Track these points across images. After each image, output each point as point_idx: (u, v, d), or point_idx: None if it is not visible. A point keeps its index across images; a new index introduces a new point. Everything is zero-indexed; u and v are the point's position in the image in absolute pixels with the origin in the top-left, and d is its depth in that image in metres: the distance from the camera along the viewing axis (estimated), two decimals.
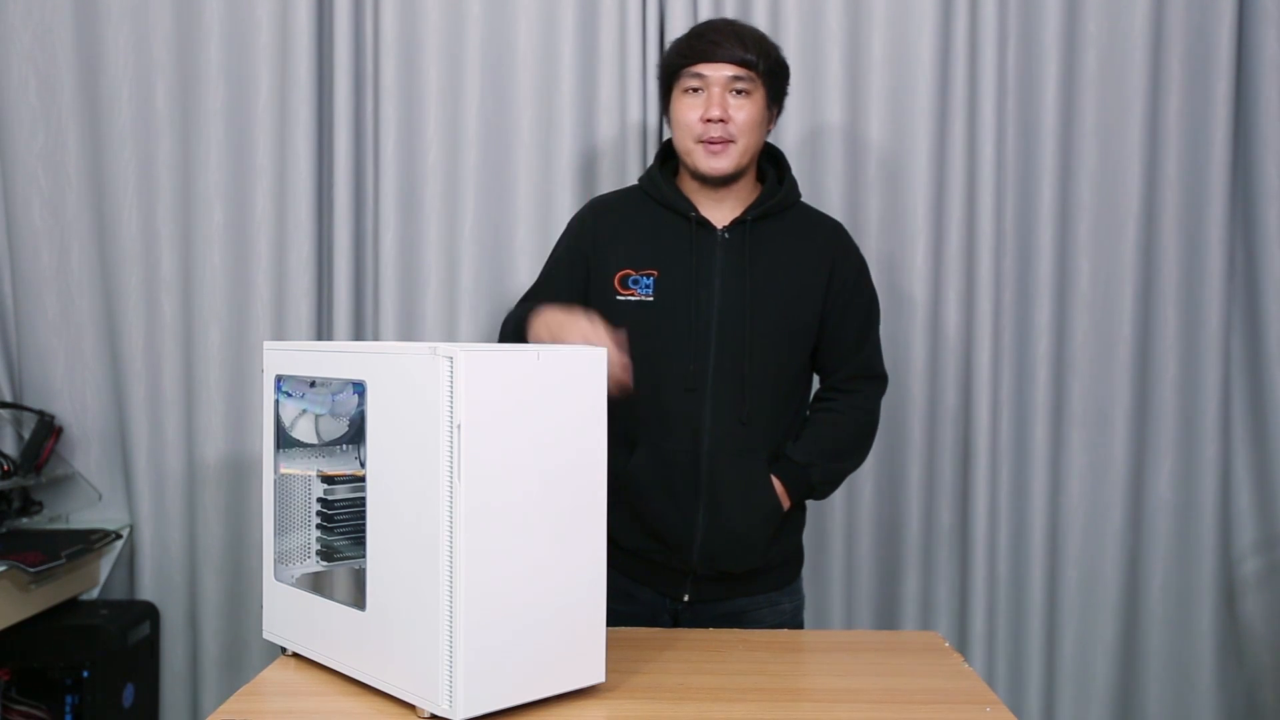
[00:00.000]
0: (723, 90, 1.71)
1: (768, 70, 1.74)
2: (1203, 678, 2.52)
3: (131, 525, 2.52)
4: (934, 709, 1.35)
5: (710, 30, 1.76)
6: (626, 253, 1.77)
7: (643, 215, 1.80)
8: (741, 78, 1.71)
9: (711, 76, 1.71)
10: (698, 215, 1.77)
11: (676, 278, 1.75)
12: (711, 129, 1.71)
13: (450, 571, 1.22)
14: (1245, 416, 2.55)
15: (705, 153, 1.73)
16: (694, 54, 1.73)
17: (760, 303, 1.75)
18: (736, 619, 1.78)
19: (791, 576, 1.86)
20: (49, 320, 2.51)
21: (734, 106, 1.71)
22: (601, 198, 1.91)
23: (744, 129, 1.72)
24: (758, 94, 1.73)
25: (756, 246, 1.77)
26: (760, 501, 1.75)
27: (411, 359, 1.28)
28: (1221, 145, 2.47)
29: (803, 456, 1.77)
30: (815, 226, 1.84)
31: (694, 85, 1.73)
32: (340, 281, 2.47)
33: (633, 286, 1.75)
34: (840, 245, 1.84)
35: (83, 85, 2.48)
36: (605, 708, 1.34)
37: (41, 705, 2.35)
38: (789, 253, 1.78)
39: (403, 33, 2.45)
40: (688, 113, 1.73)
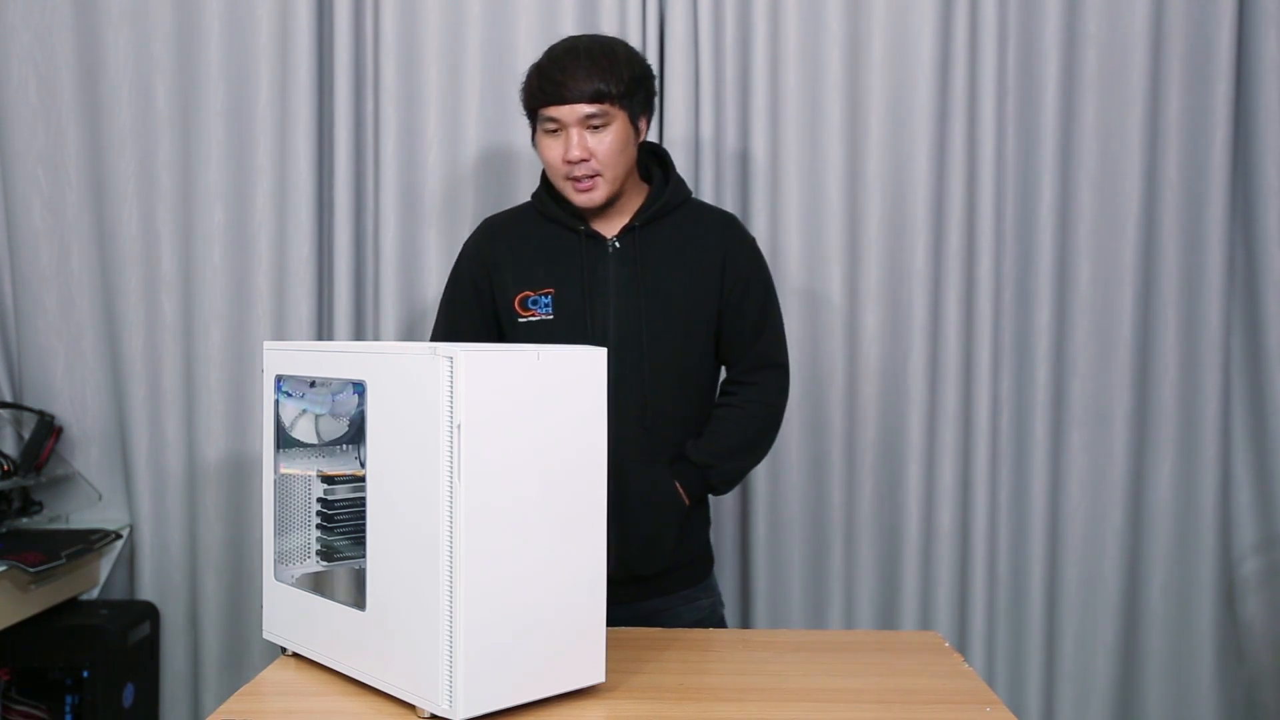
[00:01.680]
0: (580, 128, 1.70)
1: (624, 93, 1.71)
2: (1203, 678, 2.52)
3: (131, 525, 2.52)
4: (934, 709, 1.35)
5: (556, 67, 1.72)
6: (522, 274, 1.79)
7: (536, 233, 1.82)
8: (595, 114, 1.69)
9: (564, 118, 1.70)
10: (587, 228, 1.78)
11: (572, 293, 1.77)
12: (575, 168, 1.71)
13: (450, 571, 1.22)
14: (1245, 416, 2.55)
15: (574, 189, 1.74)
16: (545, 96, 1.72)
17: (655, 307, 1.76)
18: (655, 617, 1.79)
19: (702, 574, 1.88)
20: (49, 320, 2.51)
21: (594, 141, 1.70)
22: (492, 219, 1.91)
23: (608, 160, 1.71)
24: (618, 119, 1.71)
25: (647, 251, 1.78)
26: (665, 505, 1.77)
27: (411, 359, 1.28)
28: (1221, 145, 2.47)
29: (701, 457, 1.78)
30: (705, 222, 1.84)
31: (551, 127, 1.73)
32: (340, 281, 2.47)
33: (532, 307, 1.78)
34: (732, 237, 1.83)
35: (83, 85, 2.48)
36: (605, 708, 1.34)
37: (41, 705, 2.35)
38: (681, 253, 1.79)
39: (403, 33, 2.45)
40: (550, 153, 1.74)
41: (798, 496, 2.47)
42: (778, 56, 2.45)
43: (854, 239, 2.47)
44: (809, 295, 2.46)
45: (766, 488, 2.45)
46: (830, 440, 2.47)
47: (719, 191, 2.44)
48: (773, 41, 2.43)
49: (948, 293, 2.46)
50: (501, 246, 1.83)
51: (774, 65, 2.44)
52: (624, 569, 1.76)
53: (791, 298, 2.43)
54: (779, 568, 2.47)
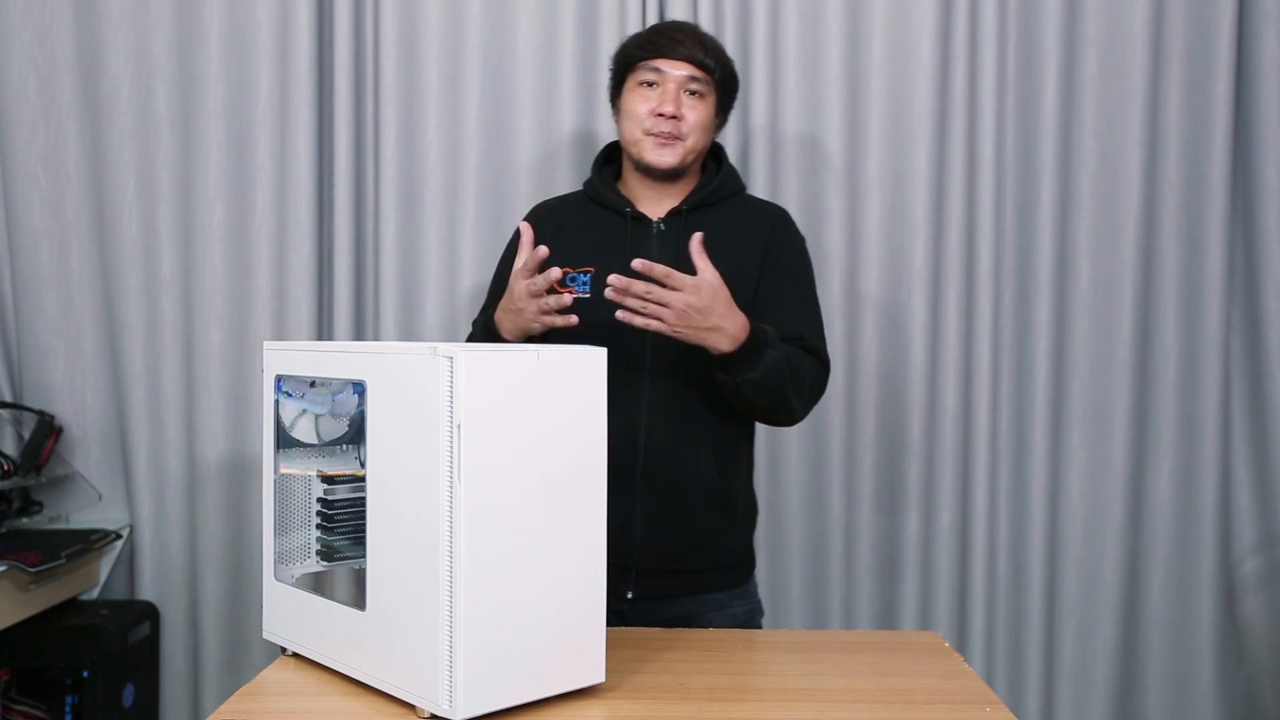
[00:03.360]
0: (678, 88, 1.74)
1: (722, 79, 1.78)
2: (1203, 678, 2.52)
3: (131, 525, 2.52)
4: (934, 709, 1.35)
5: (673, 29, 1.80)
6: (564, 253, 1.76)
7: (582, 217, 1.84)
8: (698, 79, 1.74)
9: (669, 73, 1.74)
10: (633, 210, 1.79)
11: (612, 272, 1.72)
12: (662, 123, 1.74)
13: (450, 571, 1.22)
14: (1245, 416, 2.56)
15: (653, 145, 1.75)
16: (653, 48, 1.76)
17: None
18: (684, 622, 1.75)
19: (740, 579, 1.84)
20: (49, 320, 2.51)
21: (687, 106, 1.74)
22: (542, 203, 1.93)
23: (694, 128, 1.75)
24: (710, 98, 1.77)
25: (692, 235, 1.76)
26: (698, 489, 1.74)
27: (411, 359, 1.28)
28: (1221, 145, 2.47)
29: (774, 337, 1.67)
30: (755, 214, 1.84)
31: (650, 79, 1.76)
32: (340, 281, 2.47)
33: (570, 284, 1.78)
34: (777, 227, 1.83)
35: (83, 85, 2.48)
36: (605, 708, 1.34)
37: (41, 705, 2.35)
38: (726, 241, 1.77)
39: (403, 33, 2.45)
40: (640, 104, 1.76)
41: (798, 496, 2.47)
42: (778, 56, 2.45)
43: (854, 239, 2.47)
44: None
45: (766, 488, 2.45)
46: (830, 440, 2.47)
47: None
48: (773, 41, 2.44)
49: (948, 293, 2.46)
50: (548, 226, 1.82)
51: (774, 65, 2.44)
52: (650, 557, 1.74)
53: None
54: (779, 568, 2.47)
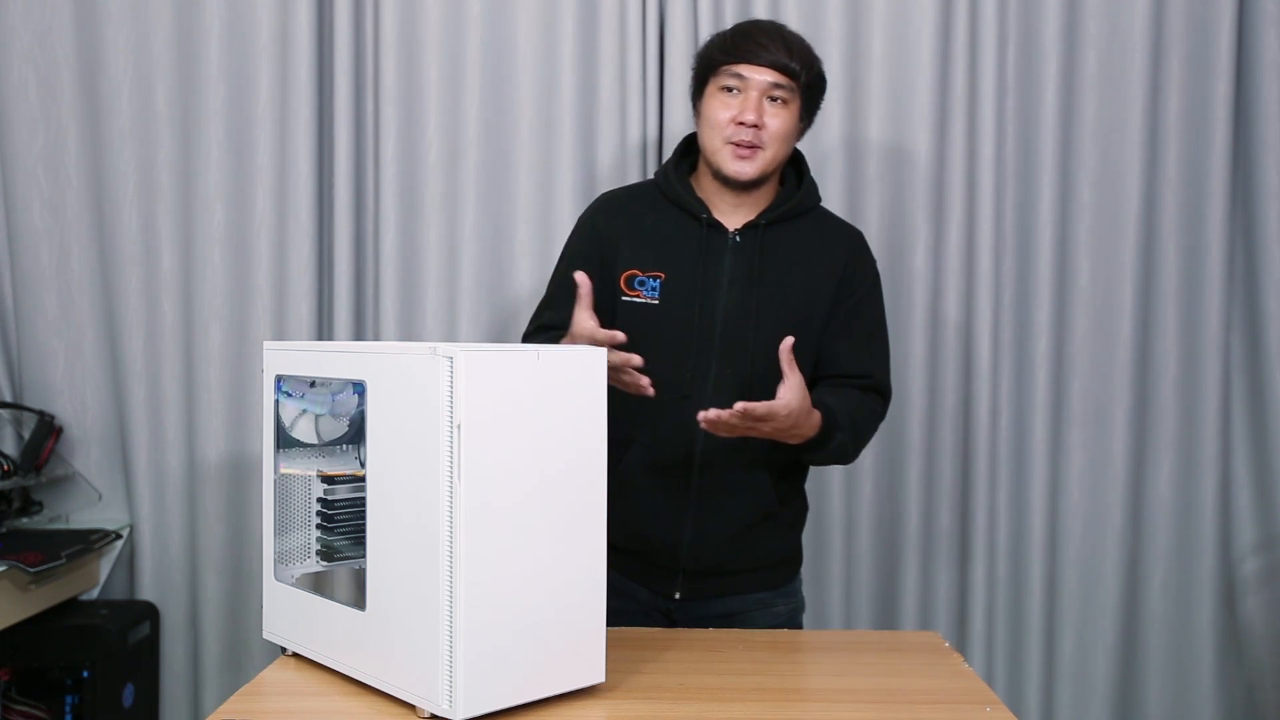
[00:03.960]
0: (760, 95, 1.67)
1: (808, 83, 1.70)
2: (1203, 677, 2.52)
3: (131, 525, 2.52)
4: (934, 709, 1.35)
5: (757, 30, 1.71)
6: (634, 252, 1.74)
7: (653, 214, 1.77)
8: (782, 85, 1.67)
9: (752, 79, 1.67)
10: (709, 217, 1.73)
11: (683, 281, 1.72)
12: (742, 132, 1.67)
13: (450, 571, 1.22)
14: (1245, 416, 2.55)
15: (733, 155, 1.69)
16: (737, 52, 1.68)
17: (767, 310, 1.71)
18: (729, 621, 1.76)
19: (786, 578, 1.83)
20: (49, 320, 2.51)
21: (769, 114, 1.68)
22: (612, 193, 1.87)
23: (775, 138, 1.69)
24: (794, 104, 1.70)
25: (768, 251, 1.73)
26: (751, 498, 1.74)
27: (412, 359, 1.28)
28: (1221, 145, 2.47)
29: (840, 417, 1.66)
30: (832, 233, 1.81)
31: (731, 85, 1.69)
32: (340, 281, 2.47)
33: (638, 288, 1.73)
34: (855, 251, 1.80)
35: (83, 85, 2.48)
36: (605, 708, 1.34)
37: (41, 705, 2.35)
38: (801, 259, 1.74)
39: (403, 33, 2.45)
40: (721, 111, 1.69)
41: None
42: None
43: None
44: None
45: None
46: None
47: None
48: None
49: (948, 293, 2.46)
50: (618, 221, 1.77)
51: None
52: (698, 560, 1.74)
53: None
54: None
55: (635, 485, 1.72)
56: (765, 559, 1.79)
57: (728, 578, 1.77)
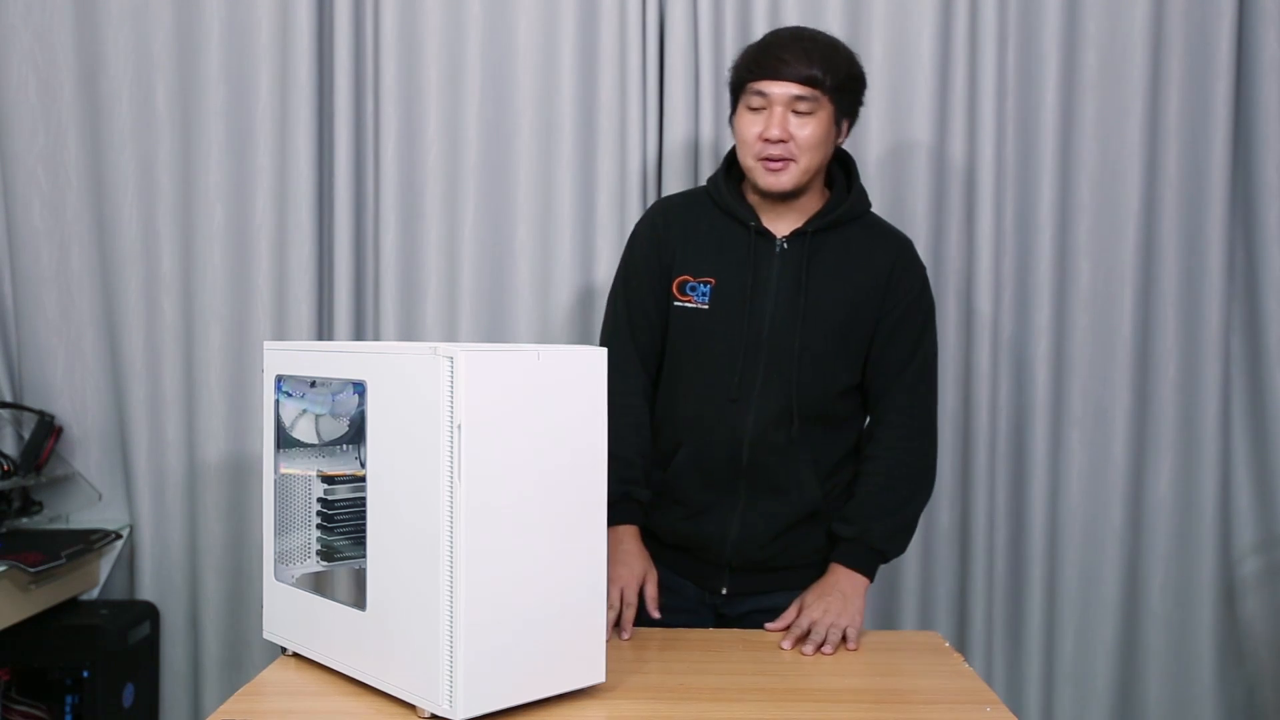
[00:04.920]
0: (785, 109, 1.69)
1: (835, 86, 1.70)
2: (1203, 677, 2.51)
3: (131, 525, 2.52)
4: (934, 709, 1.36)
5: (778, 44, 1.73)
6: (687, 258, 1.78)
7: (706, 221, 1.80)
8: (805, 97, 1.68)
9: (774, 95, 1.69)
10: (758, 225, 1.75)
11: (732, 287, 1.75)
12: (771, 148, 1.69)
13: (451, 571, 1.22)
14: (1245, 416, 2.55)
15: (765, 170, 1.71)
16: (759, 69, 1.71)
17: (813, 314, 1.73)
18: (774, 614, 1.75)
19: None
20: (49, 320, 2.51)
21: (795, 125, 1.69)
22: (669, 199, 1.91)
23: (805, 147, 1.70)
24: (822, 111, 1.70)
25: (815, 258, 1.75)
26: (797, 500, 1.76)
27: (412, 359, 1.28)
28: (1221, 145, 2.46)
29: (852, 529, 1.75)
30: (880, 240, 1.81)
31: (757, 103, 1.71)
32: (340, 282, 2.47)
33: (690, 293, 1.76)
34: (902, 258, 1.80)
35: (83, 85, 2.48)
36: (605, 708, 1.34)
37: (41, 705, 2.35)
38: (849, 266, 1.76)
39: (403, 33, 2.45)
40: (749, 129, 1.72)
41: None
42: None
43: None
44: None
45: None
46: None
47: None
48: None
49: (947, 293, 2.46)
50: (676, 226, 1.81)
51: None
52: (743, 557, 1.78)
53: None
54: None
55: (684, 486, 1.78)
56: (811, 556, 1.81)
57: (773, 574, 1.80)
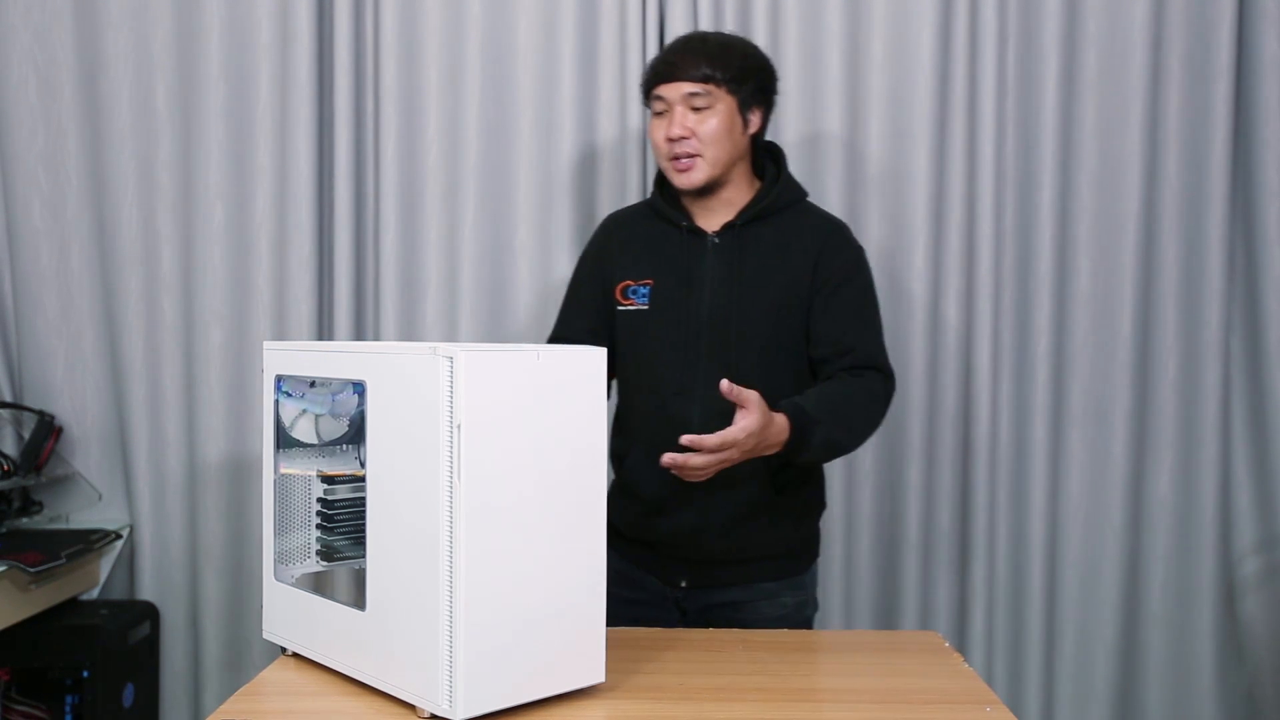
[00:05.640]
0: (683, 107, 1.75)
1: (732, 78, 1.75)
2: (1203, 677, 2.52)
3: (131, 525, 2.52)
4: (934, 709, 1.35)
5: (670, 50, 1.81)
6: (628, 265, 1.85)
7: (645, 228, 1.87)
8: (698, 93, 1.74)
9: (670, 96, 1.76)
10: (689, 224, 1.81)
11: (669, 285, 1.80)
12: (676, 147, 1.76)
13: (450, 571, 1.22)
14: (1245, 416, 2.55)
15: (676, 170, 1.78)
16: (655, 77, 1.79)
17: (749, 305, 1.77)
18: (735, 610, 1.80)
19: (794, 570, 1.86)
20: (49, 320, 2.51)
21: (695, 121, 1.75)
22: (615, 213, 1.99)
23: (709, 141, 1.75)
24: (720, 104, 1.75)
25: (746, 249, 1.79)
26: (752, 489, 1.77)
27: (412, 359, 1.28)
28: (1221, 145, 2.46)
29: (815, 411, 1.66)
30: (812, 223, 1.84)
31: (659, 108, 1.79)
32: (340, 281, 2.47)
33: (631, 296, 1.82)
34: (831, 237, 1.82)
35: (83, 85, 2.48)
36: (605, 708, 1.34)
37: (41, 705, 2.35)
38: (779, 253, 1.79)
39: (403, 33, 2.45)
40: (656, 134, 1.80)
41: None
42: (778, 56, 2.44)
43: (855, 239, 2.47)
44: None
45: None
46: None
47: None
48: (773, 41, 2.43)
49: (948, 293, 2.46)
50: (617, 237, 1.90)
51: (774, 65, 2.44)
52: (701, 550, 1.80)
53: None
54: None
55: (640, 482, 1.81)
56: (771, 549, 1.82)
57: (732, 567, 1.81)
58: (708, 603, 1.81)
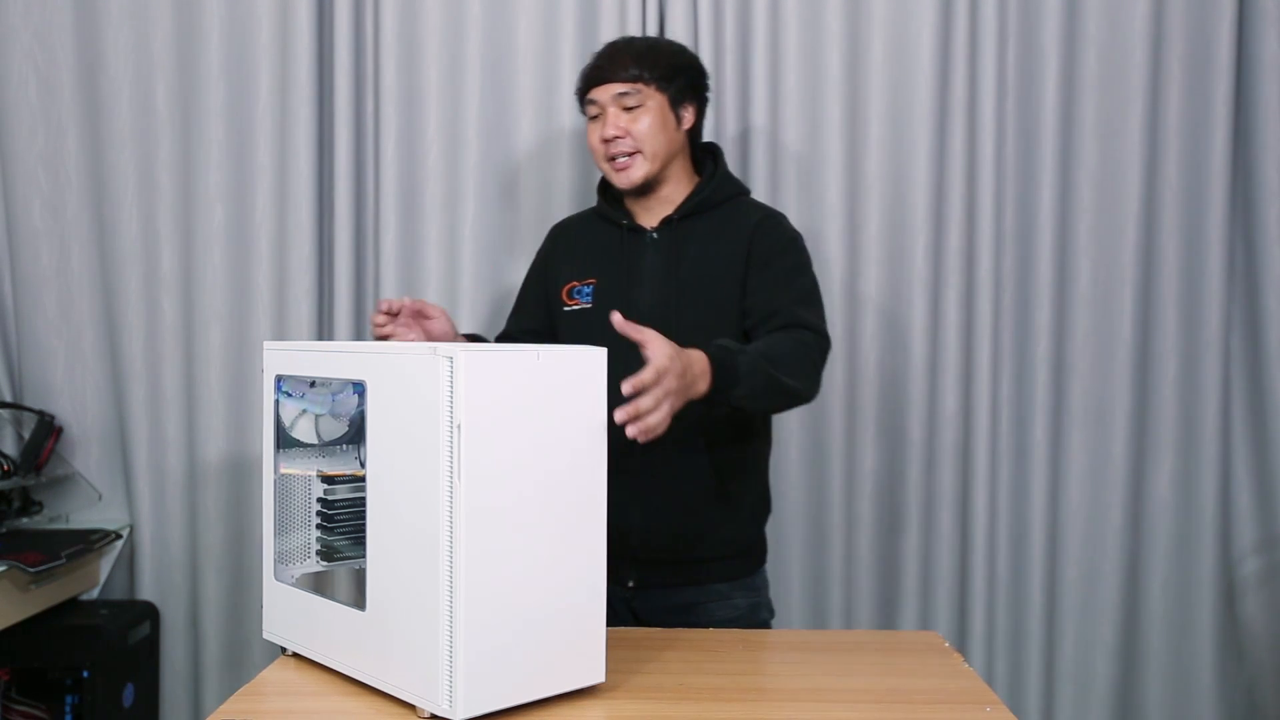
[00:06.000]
0: (615, 108, 1.79)
1: (660, 77, 1.79)
2: (1203, 677, 2.52)
3: (131, 525, 2.52)
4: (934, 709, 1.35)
5: (599, 55, 1.85)
6: (573, 268, 1.89)
7: (589, 231, 1.92)
8: (628, 92, 1.78)
9: (601, 99, 1.80)
10: (629, 222, 1.85)
11: (610, 282, 1.83)
12: (612, 147, 1.80)
13: (450, 571, 1.22)
14: (1245, 416, 2.55)
15: (615, 170, 1.82)
16: (585, 81, 1.83)
17: (687, 298, 1.78)
18: (686, 612, 1.79)
19: (744, 571, 1.85)
20: (49, 320, 2.51)
21: (628, 120, 1.79)
22: (561, 220, 2.03)
23: (644, 137, 1.78)
24: (651, 102, 1.79)
25: (684, 244, 1.81)
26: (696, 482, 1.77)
27: (412, 359, 1.28)
28: (1221, 145, 2.46)
29: (733, 345, 1.57)
30: (746, 216, 1.84)
31: (593, 111, 1.83)
32: (341, 281, 2.47)
33: (576, 297, 1.86)
34: (764, 224, 1.82)
35: (83, 85, 2.48)
36: (605, 707, 1.34)
37: (41, 705, 2.35)
38: (715, 246, 1.81)
39: (403, 33, 2.45)
40: (592, 137, 1.83)
41: (798, 496, 2.47)
42: (778, 56, 2.45)
43: (854, 239, 2.47)
44: None
45: None
46: (830, 440, 2.47)
47: None
48: (773, 41, 2.44)
49: (948, 293, 2.46)
50: (561, 245, 1.95)
51: (774, 65, 2.44)
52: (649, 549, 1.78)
53: None
54: (779, 567, 2.47)
55: None
56: (720, 550, 1.81)
57: (681, 567, 1.80)
58: (660, 604, 1.80)
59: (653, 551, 1.79)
